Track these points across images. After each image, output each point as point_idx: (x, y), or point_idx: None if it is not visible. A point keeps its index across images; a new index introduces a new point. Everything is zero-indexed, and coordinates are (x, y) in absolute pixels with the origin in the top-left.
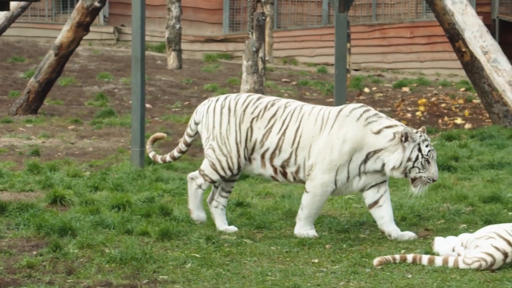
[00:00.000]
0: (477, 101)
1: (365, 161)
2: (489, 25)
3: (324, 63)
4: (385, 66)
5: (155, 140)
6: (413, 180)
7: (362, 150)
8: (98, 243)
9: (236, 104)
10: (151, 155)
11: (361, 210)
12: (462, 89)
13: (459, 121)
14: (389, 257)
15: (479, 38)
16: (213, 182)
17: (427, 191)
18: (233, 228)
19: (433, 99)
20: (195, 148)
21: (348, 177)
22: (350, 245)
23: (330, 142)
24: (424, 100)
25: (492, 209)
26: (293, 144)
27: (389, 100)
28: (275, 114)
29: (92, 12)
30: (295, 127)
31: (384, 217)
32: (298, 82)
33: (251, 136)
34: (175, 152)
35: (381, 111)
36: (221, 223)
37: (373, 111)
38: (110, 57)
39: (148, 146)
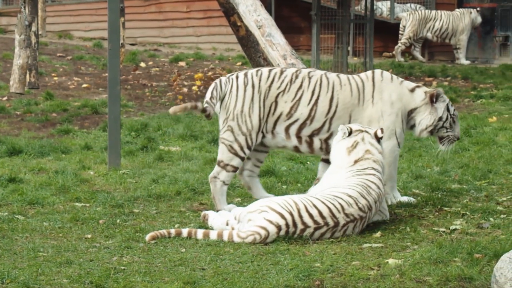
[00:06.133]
0: None
1: (406, 121)
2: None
3: (100, 37)
4: (161, 41)
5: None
6: (441, 138)
7: (406, 109)
8: None
9: (260, 80)
10: None
11: (135, 185)
12: (239, 63)
13: None
14: (163, 231)
15: (253, 13)
16: (235, 169)
17: (453, 149)
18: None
19: (210, 73)
20: None
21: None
22: (124, 220)
23: (379, 110)
24: (200, 75)
25: (267, 183)
26: (327, 113)
27: (166, 75)
28: (301, 85)
29: None
30: (329, 96)
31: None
32: (73, 56)
33: (274, 110)
34: None
35: (157, 86)
36: (262, 191)
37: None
38: None
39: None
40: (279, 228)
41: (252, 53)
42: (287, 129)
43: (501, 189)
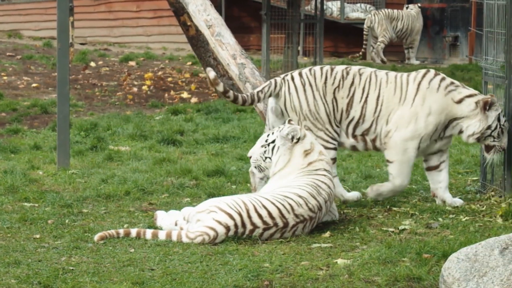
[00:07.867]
0: (203, 75)
1: (445, 127)
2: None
3: (50, 37)
4: (111, 40)
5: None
6: (487, 146)
7: (446, 119)
8: None
9: (315, 78)
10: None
11: (84, 185)
12: (189, 63)
13: (185, 95)
14: (112, 231)
15: (203, 12)
16: (334, 161)
17: (498, 158)
18: (356, 194)
19: (160, 73)
20: None
21: (429, 143)
22: (73, 220)
23: (415, 113)
24: (150, 74)
25: (216, 183)
26: (374, 113)
27: (116, 74)
28: (353, 82)
29: None
30: (376, 95)
31: (441, 182)
32: (23, 56)
33: (336, 106)
34: None
35: (107, 85)
36: (344, 191)
37: (448, 79)
38: None
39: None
40: (227, 228)
41: (202, 53)
42: (347, 127)
43: (450, 190)
